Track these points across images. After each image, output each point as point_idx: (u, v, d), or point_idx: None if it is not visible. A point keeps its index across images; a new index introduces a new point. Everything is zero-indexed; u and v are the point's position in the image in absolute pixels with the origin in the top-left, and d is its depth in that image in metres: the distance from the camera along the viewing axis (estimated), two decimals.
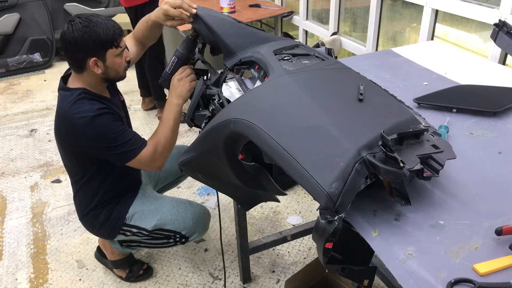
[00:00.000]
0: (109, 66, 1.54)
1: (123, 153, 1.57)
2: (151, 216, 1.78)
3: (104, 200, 1.75)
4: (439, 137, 1.08)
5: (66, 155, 1.71)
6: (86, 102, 1.54)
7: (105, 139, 1.55)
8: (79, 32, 1.46)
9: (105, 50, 1.50)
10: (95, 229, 1.81)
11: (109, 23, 1.50)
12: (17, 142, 3.36)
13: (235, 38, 1.46)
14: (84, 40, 1.46)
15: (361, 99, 1.08)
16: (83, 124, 1.51)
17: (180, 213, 1.80)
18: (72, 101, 1.54)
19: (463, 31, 2.36)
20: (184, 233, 1.81)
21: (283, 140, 0.98)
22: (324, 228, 0.89)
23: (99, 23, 1.47)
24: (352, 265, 1.04)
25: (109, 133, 1.54)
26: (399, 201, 0.96)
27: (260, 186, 1.26)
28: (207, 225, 1.90)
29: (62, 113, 1.57)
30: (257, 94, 1.18)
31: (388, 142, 0.89)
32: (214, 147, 1.22)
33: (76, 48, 1.49)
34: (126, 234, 1.80)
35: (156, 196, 1.87)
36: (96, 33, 1.46)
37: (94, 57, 1.50)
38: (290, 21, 3.72)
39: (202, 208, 1.88)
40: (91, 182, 1.72)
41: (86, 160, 1.67)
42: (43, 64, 4.79)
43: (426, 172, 0.95)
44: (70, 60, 1.55)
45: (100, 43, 1.48)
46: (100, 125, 1.53)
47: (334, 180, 0.88)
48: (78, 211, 1.82)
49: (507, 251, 0.86)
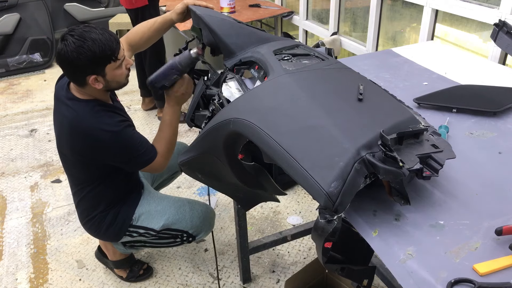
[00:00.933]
0: (109, 80, 1.51)
1: (142, 162, 1.63)
2: (158, 216, 1.78)
3: (109, 204, 1.75)
4: (438, 136, 1.08)
5: (76, 166, 1.69)
6: (104, 115, 1.54)
7: (130, 151, 1.59)
8: (74, 53, 1.40)
9: (104, 66, 1.46)
10: (100, 233, 1.80)
11: (103, 37, 1.42)
12: (17, 142, 3.36)
13: (235, 38, 1.46)
14: (80, 61, 1.41)
15: (361, 99, 1.08)
16: (110, 138, 1.53)
17: (187, 212, 1.81)
18: (90, 114, 1.53)
19: (463, 31, 2.36)
20: (191, 232, 1.82)
21: (282, 140, 0.98)
22: (323, 228, 0.89)
23: (94, 40, 1.40)
24: (351, 265, 1.04)
25: (133, 145, 1.59)
26: (399, 200, 0.96)
27: (260, 186, 1.26)
28: (213, 223, 1.92)
29: (80, 127, 1.53)
30: (257, 94, 1.18)
31: (387, 141, 0.89)
32: (213, 147, 1.22)
33: (74, 69, 1.46)
34: (133, 235, 1.80)
35: (162, 196, 1.87)
36: (91, 52, 1.40)
37: (94, 75, 1.46)
38: (290, 21, 3.72)
39: (207, 207, 1.89)
40: (96, 189, 1.72)
41: (97, 170, 1.67)
42: (43, 64, 4.79)
43: (426, 171, 0.95)
44: (70, 78, 1.53)
45: (97, 61, 1.44)
46: (126, 139, 1.57)
47: (333, 179, 0.88)
48: (81, 217, 1.80)
49: (507, 251, 0.86)
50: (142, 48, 1.79)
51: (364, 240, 0.93)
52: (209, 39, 1.49)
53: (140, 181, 1.88)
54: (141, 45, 1.76)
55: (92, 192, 1.72)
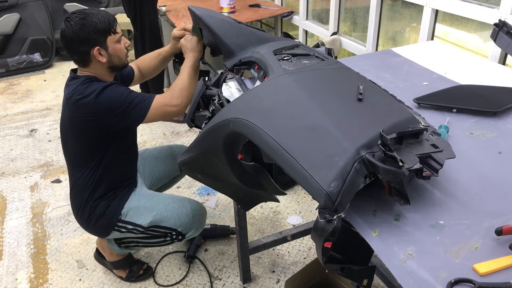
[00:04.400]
0: (111, 54, 1.62)
1: (140, 107, 1.61)
2: (146, 212, 1.78)
3: (101, 193, 1.75)
4: (438, 136, 1.08)
5: (74, 135, 1.70)
6: (94, 83, 1.61)
7: (120, 102, 1.59)
8: (78, 25, 1.54)
9: (105, 37, 1.59)
10: (90, 224, 1.79)
11: (102, 12, 1.61)
12: (17, 142, 3.36)
13: (235, 38, 1.46)
14: (84, 32, 1.55)
15: (361, 99, 1.08)
16: (95, 96, 1.56)
17: (176, 210, 1.79)
18: (80, 83, 1.60)
19: (463, 31, 2.36)
20: (180, 230, 1.81)
21: (282, 140, 0.98)
22: (323, 228, 0.89)
23: (94, 14, 1.57)
24: (351, 265, 1.04)
25: (121, 95, 1.60)
26: (398, 200, 0.96)
27: (259, 186, 1.26)
28: (204, 221, 1.90)
29: (72, 96, 1.60)
30: (257, 94, 1.18)
31: (387, 141, 0.89)
32: (213, 147, 1.22)
33: (79, 42, 1.56)
34: (121, 231, 1.80)
35: (153, 193, 1.87)
36: (93, 23, 1.55)
37: (97, 46, 1.58)
38: (290, 21, 3.72)
39: (198, 205, 1.88)
40: (90, 174, 1.72)
41: (95, 145, 1.68)
42: (43, 64, 4.79)
43: (426, 171, 0.95)
44: (74, 55, 1.62)
45: (99, 32, 1.57)
46: (111, 92, 1.59)
47: (333, 179, 0.88)
48: (74, 204, 1.81)
49: (507, 251, 0.86)
50: (149, 75, 1.97)
51: (364, 240, 0.93)
52: (209, 39, 1.49)
53: (135, 179, 1.88)
54: (149, 71, 1.95)
55: (84, 178, 1.73)
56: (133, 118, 1.62)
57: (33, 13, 4.65)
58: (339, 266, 1.02)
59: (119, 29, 1.65)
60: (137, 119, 1.63)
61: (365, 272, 1.08)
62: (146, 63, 1.93)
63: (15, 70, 4.66)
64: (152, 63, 1.92)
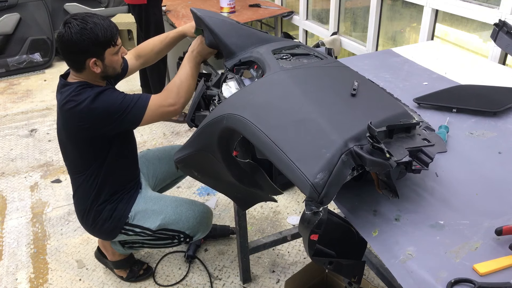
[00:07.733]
0: (107, 65, 1.57)
1: (136, 110, 1.57)
2: (155, 216, 1.78)
3: (106, 196, 1.74)
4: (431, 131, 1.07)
5: (72, 143, 1.67)
6: (87, 89, 1.56)
7: (115, 107, 1.54)
8: (77, 34, 1.47)
9: (104, 50, 1.53)
10: (96, 227, 1.78)
11: (105, 23, 1.51)
12: (17, 142, 3.36)
13: (235, 38, 1.46)
14: (83, 42, 1.47)
15: (354, 94, 1.08)
16: (89, 102, 1.51)
17: (184, 213, 1.80)
18: (73, 90, 1.54)
19: (463, 31, 2.36)
20: (188, 232, 1.81)
21: (272, 133, 0.98)
22: (309, 219, 0.89)
23: (96, 24, 1.49)
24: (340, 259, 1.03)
25: (116, 100, 1.55)
26: (387, 193, 0.95)
27: (256, 185, 1.26)
28: (210, 223, 1.91)
29: (65, 104, 1.55)
30: (251, 90, 1.18)
31: (374, 132, 0.87)
32: (208, 144, 1.22)
33: (75, 50, 1.50)
34: (128, 234, 1.79)
35: (159, 196, 1.87)
36: (94, 35, 1.48)
37: (94, 58, 1.52)
38: (290, 21, 3.72)
39: (205, 207, 1.88)
40: (92, 179, 1.71)
41: (94, 151, 1.66)
42: (43, 64, 4.79)
43: (416, 165, 0.94)
44: (69, 61, 1.57)
45: (99, 44, 1.50)
46: (105, 97, 1.54)
47: (319, 170, 0.87)
48: (78, 209, 1.79)
49: (507, 251, 0.86)
50: (151, 60, 1.91)
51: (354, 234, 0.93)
52: (210, 40, 1.49)
53: (139, 181, 1.88)
54: (151, 56, 1.88)
55: (89, 181, 1.71)
56: (129, 122, 1.59)
57: (33, 13, 4.66)
58: (327, 260, 1.00)
59: (120, 40, 1.59)
60: (134, 123, 1.60)
61: (355, 267, 1.07)
62: (150, 48, 1.86)
63: (15, 70, 4.66)
64: (156, 48, 1.86)
